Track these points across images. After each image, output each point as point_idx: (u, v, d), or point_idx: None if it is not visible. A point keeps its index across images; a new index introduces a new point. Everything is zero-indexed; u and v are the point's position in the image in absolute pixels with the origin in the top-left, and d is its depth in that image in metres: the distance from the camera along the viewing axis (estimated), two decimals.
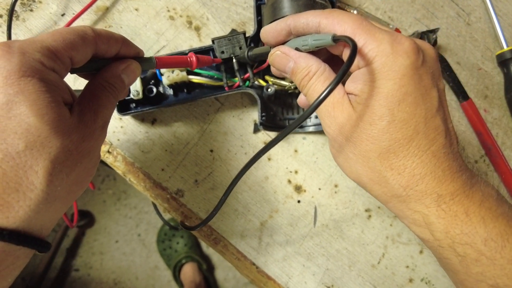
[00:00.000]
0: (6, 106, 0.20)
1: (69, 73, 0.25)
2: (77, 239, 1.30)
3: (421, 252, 0.42)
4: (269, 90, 0.37)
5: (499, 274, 0.23)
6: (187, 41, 0.41)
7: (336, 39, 0.24)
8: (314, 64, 0.27)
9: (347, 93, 0.26)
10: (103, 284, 1.30)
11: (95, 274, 1.30)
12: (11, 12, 0.38)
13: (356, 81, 0.25)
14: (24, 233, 0.21)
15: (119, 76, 0.28)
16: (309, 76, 0.27)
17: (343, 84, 0.28)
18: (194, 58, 0.32)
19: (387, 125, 0.23)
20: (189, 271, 1.24)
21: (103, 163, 0.39)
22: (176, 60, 0.32)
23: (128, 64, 0.28)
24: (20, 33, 0.39)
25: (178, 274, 1.24)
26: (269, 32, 0.30)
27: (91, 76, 0.27)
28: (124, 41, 0.28)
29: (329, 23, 0.26)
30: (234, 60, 0.37)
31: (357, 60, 0.25)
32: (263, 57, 0.33)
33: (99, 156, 0.27)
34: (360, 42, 0.24)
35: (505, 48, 0.46)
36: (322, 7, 0.35)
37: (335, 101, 0.26)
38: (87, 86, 0.26)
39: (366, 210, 0.42)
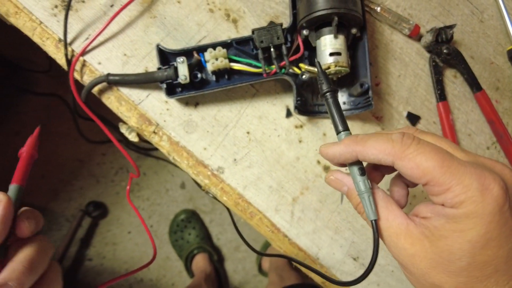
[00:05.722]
0: None
1: None
2: (91, 230, 1.34)
3: None
4: (303, 76, 0.41)
5: None
6: (226, 32, 0.45)
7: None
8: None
9: (415, 216, 0.26)
10: (115, 273, 1.34)
11: (108, 264, 1.34)
12: (69, 3, 0.42)
13: (435, 212, 0.25)
14: None
15: None
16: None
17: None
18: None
19: (467, 265, 0.23)
20: (200, 261, 1.27)
21: (113, 156, 0.43)
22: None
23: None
24: (73, 22, 0.43)
25: (190, 264, 1.27)
26: (333, 157, 0.29)
27: None
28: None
29: (406, 166, 0.24)
30: (272, 49, 0.41)
31: (442, 199, 0.24)
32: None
33: None
34: (445, 185, 0.23)
35: None
36: (353, 3, 0.39)
37: (400, 232, 0.26)
38: None
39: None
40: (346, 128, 0.29)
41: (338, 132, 0.29)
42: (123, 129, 0.49)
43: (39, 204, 1.31)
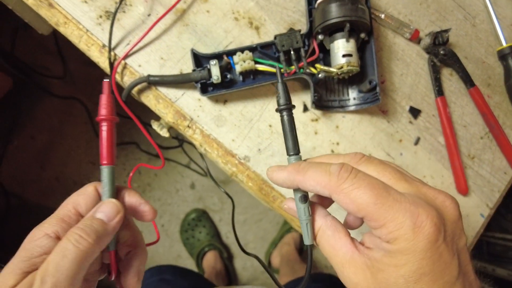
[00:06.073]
0: None
1: None
2: None
3: None
4: (320, 75, 0.47)
5: None
6: (249, 38, 0.51)
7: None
8: (316, 221, 0.29)
9: (362, 244, 0.27)
10: None
11: None
12: (114, 14, 0.48)
13: (375, 244, 0.25)
14: None
15: (90, 216, 0.29)
16: (314, 234, 0.29)
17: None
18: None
19: None
20: (211, 258, 1.32)
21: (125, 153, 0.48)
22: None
23: (101, 203, 0.30)
24: (116, 29, 0.48)
25: (201, 261, 1.32)
26: (277, 183, 0.30)
27: None
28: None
29: (342, 201, 0.25)
30: (292, 52, 0.47)
31: (379, 233, 0.24)
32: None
33: None
34: (379, 221, 0.24)
35: (504, 45, 0.56)
36: (362, 12, 0.45)
37: (345, 261, 0.26)
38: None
39: None
40: (296, 152, 0.30)
41: (288, 155, 0.30)
42: (155, 126, 0.55)
43: (54, 206, 1.36)
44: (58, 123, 1.39)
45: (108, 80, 0.32)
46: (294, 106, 0.31)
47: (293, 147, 0.30)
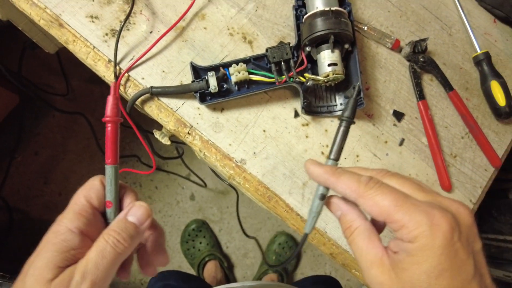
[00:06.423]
0: None
1: None
2: None
3: None
4: (308, 83, 0.51)
5: None
6: (243, 51, 0.55)
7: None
8: (356, 220, 0.31)
9: (389, 249, 0.29)
10: (130, 284, 1.39)
11: None
12: (120, 32, 0.52)
13: (399, 247, 0.27)
14: None
15: (123, 219, 0.32)
16: (350, 230, 0.31)
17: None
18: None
19: None
20: (211, 268, 1.33)
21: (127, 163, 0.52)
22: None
23: (131, 206, 0.33)
24: (120, 46, 0.53)
25: (202, 271, 1.33)
26: (311, 174, 0.33)
27: None
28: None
29: (366, 204, 0.28)
30: (282, 63, 0.51)
31: (400, 235, 0.27)
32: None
33: None
34: (400, 222, 0.26)
35: (479, 52, 0.61)
36: (345, 24, 0.50)
37: (374, 260, 0.29)
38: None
39: None
40: (336, 159, 0.33)
41: (328, 157, 0.34)
42: (157, 135, 0.59)
43: None
44: (61, 138, 1.43)
45: (114, 81, 0.34)
46: (354, 122, 0.34)
47: (336, 153, 0.33)
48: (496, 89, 0.59)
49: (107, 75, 0.53)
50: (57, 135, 1.43)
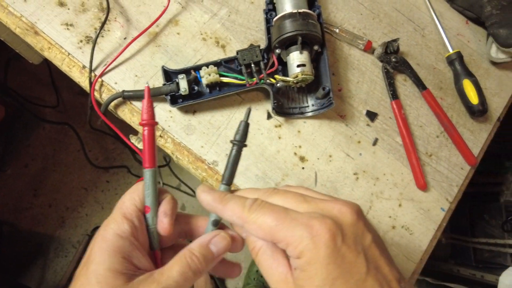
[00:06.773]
0: None
1: None
2: None
3: (400, 205, 0.55)
4: (278, 84, 0.52)
5: None
6: (216, 55, 0.56)
7: None
8: (258, 240, 0.30)
9: (292, 267, 0.28)
10: None
11: None
12: (96, 39, 0.53)
13: (294, 264, 0.28)
14: None
15: (206, 245, 0.31)
16: (255, 251, 0.30)
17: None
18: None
19: None
20: (201, 280, 1.31)
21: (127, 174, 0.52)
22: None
23: (215, 234, 0.32)
24: (95, 52, 0.54)
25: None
26: (201, 203, 0.32)
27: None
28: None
29: (251, 228, 0.28)
30: (252, 65, 0.52)
31: (289, 252, 0.27)
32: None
33: None
34: (284, 240, 0.27)
35: (451, 51, 0.62)
36: (313, 26, 0.51)
37: (279, 279, 0.29)
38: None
39: (354, 174, 0.55)
40: (229, 183, 0.33)
41: (221, 182, 0.33)
42: (133, 140, 0.59)
43: (47, 232, 1.38)
44: (51, 151, 1.43)
45: (147, 85, 0.34)
46: (246, 145, 0.34)
47: (228, 177, 0.33)
48: (468, 87, 0.59)
49: (82, 81, 0.54)
50: (47, 147, 1.43)
